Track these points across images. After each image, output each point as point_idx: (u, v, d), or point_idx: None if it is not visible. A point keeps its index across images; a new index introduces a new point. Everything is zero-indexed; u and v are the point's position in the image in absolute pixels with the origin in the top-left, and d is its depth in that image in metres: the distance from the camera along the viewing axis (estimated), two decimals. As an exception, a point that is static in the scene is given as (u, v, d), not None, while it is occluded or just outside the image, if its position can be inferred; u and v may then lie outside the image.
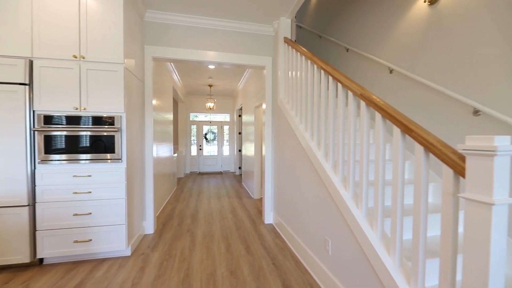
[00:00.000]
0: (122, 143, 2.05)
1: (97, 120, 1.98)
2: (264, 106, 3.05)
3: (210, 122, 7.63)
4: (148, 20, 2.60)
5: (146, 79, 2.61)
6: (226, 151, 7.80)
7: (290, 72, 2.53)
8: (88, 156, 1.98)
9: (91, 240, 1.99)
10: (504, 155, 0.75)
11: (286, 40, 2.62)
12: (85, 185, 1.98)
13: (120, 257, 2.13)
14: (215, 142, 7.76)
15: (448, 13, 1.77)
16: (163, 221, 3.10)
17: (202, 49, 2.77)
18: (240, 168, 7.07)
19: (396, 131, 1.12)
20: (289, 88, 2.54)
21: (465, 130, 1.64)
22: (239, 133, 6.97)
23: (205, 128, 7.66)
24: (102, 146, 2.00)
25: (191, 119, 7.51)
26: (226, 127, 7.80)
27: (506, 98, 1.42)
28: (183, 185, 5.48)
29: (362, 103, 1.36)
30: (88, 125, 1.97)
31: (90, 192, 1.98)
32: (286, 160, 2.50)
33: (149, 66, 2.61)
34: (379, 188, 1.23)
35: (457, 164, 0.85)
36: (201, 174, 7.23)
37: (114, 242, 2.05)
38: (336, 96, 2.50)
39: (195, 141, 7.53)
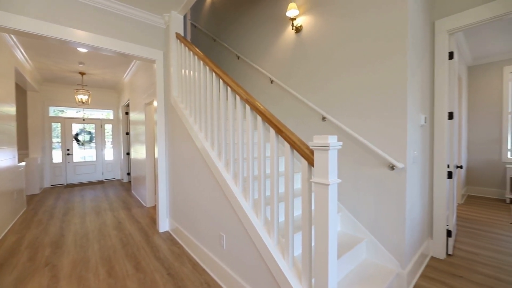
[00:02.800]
0: None
1: None
2: (155, 103, 2.78)
3: (84, 120, 6.07)
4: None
5: (-47, 51, 1.71)
6: (109, 155, 6.47)
7: (183, 70, 2.45)
8: None
9: None
10: (334, 149, 1.07)
11: (178, 36, 2.51)
12: None
13: None
14: (93, 144, 6.25)
15: (307, 41, 2.31)
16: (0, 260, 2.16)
17: (68, 25, 2.14)
18: (129, 174, 6.08)
19: (272, 132, 1.34)
20: (183, 86, 2.45)
21: (317, 131, 2.20)
22: (127, 133, 5.99)
23: (76, 127, 6.01)
24: None
25: (52, 115, 5.67)
26: (108, 126, 6.47)
27: (340, 110, 2.04)
28: (39, 204, 4.05)
29: (247, 107, 1.52)
30: None
31: None
32: (182, 162, 2.40)
33: (-40, 32, 1.72)
34: (262, 181, 1.43)
35: (309, 157, 1.13)
36: (71, 186, 5.62)
37: None
38: (227, 99, 2.66)
39: (60, 144, 5.75)
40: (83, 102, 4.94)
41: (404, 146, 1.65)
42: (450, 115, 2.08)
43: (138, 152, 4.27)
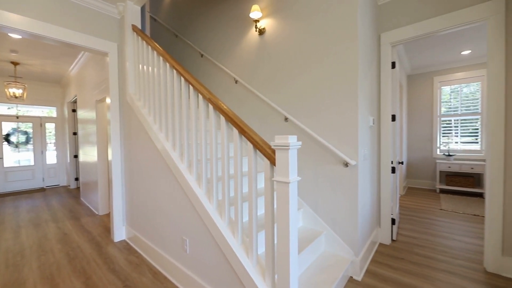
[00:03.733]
0: None
1: None
2: (109, 100, 2.53)
3: (18, 117, 5.20)
4: None
5: None
6: (51, 158, 5.66)
7: (141, 66, 2.28)
8: None
9: None
10: (293, 148, 1.12)
11: (135, 29, 2.33)
12: None
13: None
14: (30, 146, 5.39)
15: (270, 43, 2.37)
16: None
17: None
18: (77, 179, 5.42)
19: (235, 132, 1.34)
20: (141, 82, 2.29)
21: (280, 131, 2.28)
22: (74, 133, 5.33)
23: (8, 126, 5.11)
24: None
25: (-28, 112, 4.72)
26: (50, 125, 5.66)
27: (300, 111, 2.14)
28: (-45, 220, 3.33)
29: (210, 107, 1.49)
30: None
31: None
32: (140, 164, 2.23)
33: None
34: (225, 182, 1.42)
35: (271, 157, 1.16)
36: (1, 196, 4.76)
37: None
38: (189, 98, 2.59)
39: (-15, 146, 4.82)
40: (16, 97, 4.23)
41: (356, 145, 1.82)
42: (393, 118, 2.36)
43: (88, 154, 3.84)
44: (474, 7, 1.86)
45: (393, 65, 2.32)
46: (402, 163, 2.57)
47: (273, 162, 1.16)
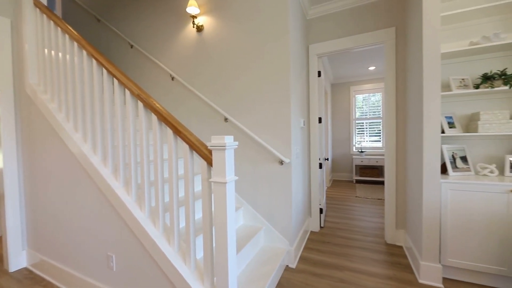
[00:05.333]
0: None
1: None
2: (-4, 92, 1.96)
3: None
4: None
5: None
6: None
7: (47, 50, 1.87)
8: None
9: None
10: (230, 148, 1.13)
11: (37, 4, 1.89)
12: None
13: None
14: None
15: (209, 42, 2.33)
16: None
17: None
18: None
19: (169, 132, 1.26)
20: (47, 71, 1.87)
21: (220, 131, 2.28)
22: None
23: None
24: None
25: None
26: None
27: (240, 111, 2.19)
28: None
29: (140, 104, 1.36)
30: None
31: None
32: (47, 172, 1.82)
33: None
34: (159, 187, 1.32)
35: (208, 157, 1.14)
36: None
37: None
38: (114, 93, 2.29)
39: None
40: None
41: (289, 144, 1.99)
42: (320, 120, 2.70)
43: (-36, 161, 2.87)
44: (377, 31, 2.31)
45: (319, 74, 2.64)
46: (327, 159, 2.97)
47: (210, 163, 1.14)
